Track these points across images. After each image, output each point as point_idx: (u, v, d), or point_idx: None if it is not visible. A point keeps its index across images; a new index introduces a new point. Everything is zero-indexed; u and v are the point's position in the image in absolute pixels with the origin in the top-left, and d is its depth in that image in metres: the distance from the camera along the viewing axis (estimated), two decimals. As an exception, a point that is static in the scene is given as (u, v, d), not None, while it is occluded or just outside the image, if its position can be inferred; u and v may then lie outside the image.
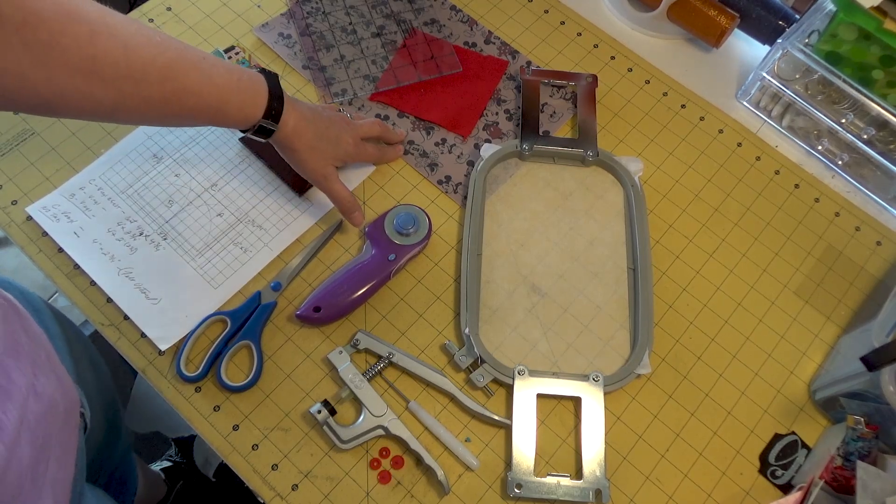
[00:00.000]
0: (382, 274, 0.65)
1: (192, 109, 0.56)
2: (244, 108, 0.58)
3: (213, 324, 0.64)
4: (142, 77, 0.51)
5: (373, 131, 0.71)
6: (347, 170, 0.73)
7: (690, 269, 0.71)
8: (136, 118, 0.55)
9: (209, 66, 0.55)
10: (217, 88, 0.56)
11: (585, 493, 0.59)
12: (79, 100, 0.49)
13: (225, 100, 0.57)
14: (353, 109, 0.76)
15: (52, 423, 0.51)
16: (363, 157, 0.71)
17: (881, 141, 0.73)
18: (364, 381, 0.61)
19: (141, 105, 0.53)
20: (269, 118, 0.60)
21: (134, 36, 0.50)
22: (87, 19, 0.48)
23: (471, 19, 0.83)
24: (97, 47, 0.48)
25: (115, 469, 0.92)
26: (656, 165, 0.76)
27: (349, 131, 0.68)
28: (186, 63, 0.54)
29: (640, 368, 0.63)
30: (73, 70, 0.48)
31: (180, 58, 0.53)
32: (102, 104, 0.51)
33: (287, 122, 0.61)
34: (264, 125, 0.60)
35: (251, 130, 0.61)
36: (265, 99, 0.59)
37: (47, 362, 0.54)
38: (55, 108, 0.51)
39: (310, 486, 0.59)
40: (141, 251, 0.67)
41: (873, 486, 0.51)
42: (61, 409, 0.53)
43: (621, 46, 0.83)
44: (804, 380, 0.66)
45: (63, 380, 0.56)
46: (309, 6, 0.82)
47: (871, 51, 0.70)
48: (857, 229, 0.74)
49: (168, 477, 1.15)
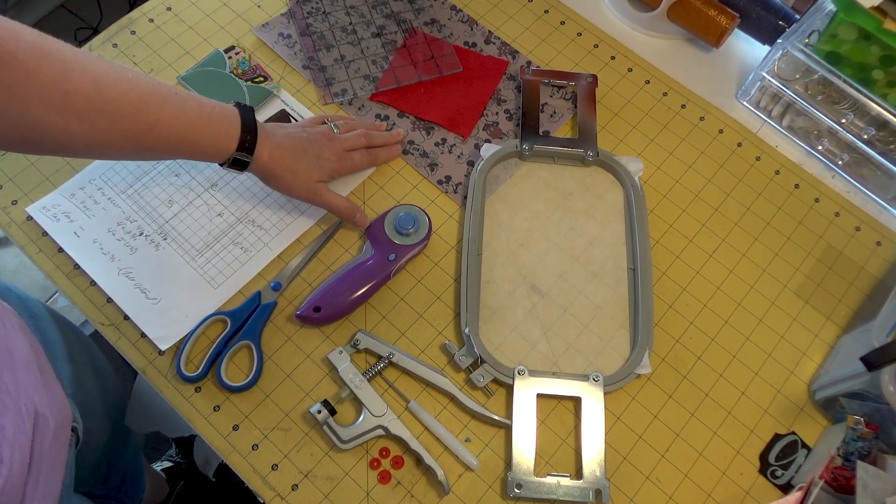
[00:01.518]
0: (382, 274, 0.65)
1: (165, 142, 0.56)
2: (217, 141, 0.59)
3: (213, 324, 0.64)
4: (115, 111, 0.52)
5: (358, 144, 0.70)
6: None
7: (690, 269, 0.71)
8: (113, 153, 0.56)
9: (181, 100, 0.56)
10: (189, 122, 0.57)
11: (585, 493, 0.59)
12: (55, 135, 0.51)
13: (197, 132, 0.58)
14: (353, 109, 0.76)
15: (41, 440, 0.50)
16: (351, 168, 0.70)
17: (881, 141, 0.73)
18: (364, 381, 0.61)
19: (115, 139, 0.54)
20: (244, 150, 0.60)
21: (106, 72, 0.52)
22: (61, 58, 0.49)
23: (471, 19, 0.83)
24: (70, 83, 0.50)
25: (127, 469, 0.92)
26: (656, 165, 0.76)
27: (330, 147, 0.67)
28: (158, 97, 0.55)
29: (640, 368, 0.63)
30: (49, 106, 0.49)
31: (152, 92, 0.55)
32: (78, 139, 0.52)
33: (262, 154, 0.61)
34: (238, 157, 0.61)
35: (227, 163, 0.61)
36: (238, 131, 0.60)
37: (40, 377, 0.53)
38: (33, 144, 0.52)
39: (310, 486, 0.59)
40: (141, 251, 0.67)
41: (873, 486, 0.51)
42: (51, 425, 0.52)
43: (621, 46, 0.83)
44: (804, 380, 0.66)
45: (55, 395, 0.55)
46: (309, 6, 0.82)
47: (871, 51, 0.70)
48: (857, 229, 0.74)
49: (169, 477, 1.15)
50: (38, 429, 0.50)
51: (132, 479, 0.94)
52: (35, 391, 0.51)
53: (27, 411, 0.49)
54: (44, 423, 0.51)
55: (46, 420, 0.51)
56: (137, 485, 0.96)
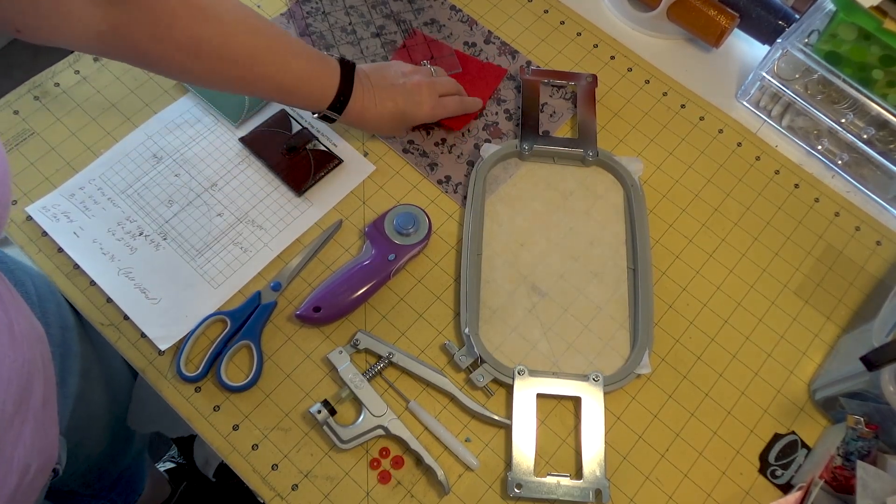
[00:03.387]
0: (382, 274, 0.65)
1: (268, 92, 0.64)
2: (312, 96, 0.65)
3: (213, 324, 0.64)
4: (232, 60, 0.59)
5: (451, 90, 0.73)
6: (346, 171, 0.73)
7: (690, 269, 0.71)
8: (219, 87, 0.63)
9: (293, 55, 0.62)
10: (293, 79, 0.63)
11: (585, 493, 0.59)
12: (177, 70, 0.58)
13: (298, 88, 0.64)
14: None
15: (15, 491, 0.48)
16: (443, 114, 0.73)
17: (881, 141, 0.73)
18: (364, 381, 0.61)
19: (227, 82, 0.61)
20: (334, 108, 0.66)
21: (236, 22, 0.58)
22: (200, 5, 0.55)
23: (471, 19, 0.83)
24: (203, 31, 0.56)
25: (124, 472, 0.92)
26: (656, 165, 0.76)
27: (428, 96, 0.70)
28: (273, 53, 0.61)
29: (640, 368, 0.63)
30: (179, 47, 0.55)
31: (269, 48, 0.61)
32: (194, 75, 0.59)
33: (349, 113, 0.67)
34: (327, 114, 0.67)
35: (318, 115, 0.67)
36: (334, 92, 0.65)
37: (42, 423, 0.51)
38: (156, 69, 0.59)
39: (310, 486, 0.59)
40: (141, 251, 0.67)
41: (873, 486, 0.51)
42: (32, 472, 0.50)
43: (621, 46, 0.83)
44: (804, 380, 0.66)
45: (48, 437, 0.53)
46: (309, 6, 0.82)
47: (871, 51, 0.70)
48: (857, 229, 0.74)
49: (171, 478, 1.15)
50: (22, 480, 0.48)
51: (128, 480, 0.93)
52: (32, 440, 0.49)
53: (18, 464, 0.47)
54: (28, 472, 0.49)
55: (29, 469, 0.49)
56: (133, 486, 0.95)
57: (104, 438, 0.80)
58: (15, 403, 0.45)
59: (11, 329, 0.45)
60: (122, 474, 0.91)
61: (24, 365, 0.46)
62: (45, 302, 0.64)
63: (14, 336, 0.45)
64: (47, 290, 0.65)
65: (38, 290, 0.64)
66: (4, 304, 0.45)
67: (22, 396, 0.46)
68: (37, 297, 0.63)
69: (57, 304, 0.66)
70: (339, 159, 0.73)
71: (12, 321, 0.45)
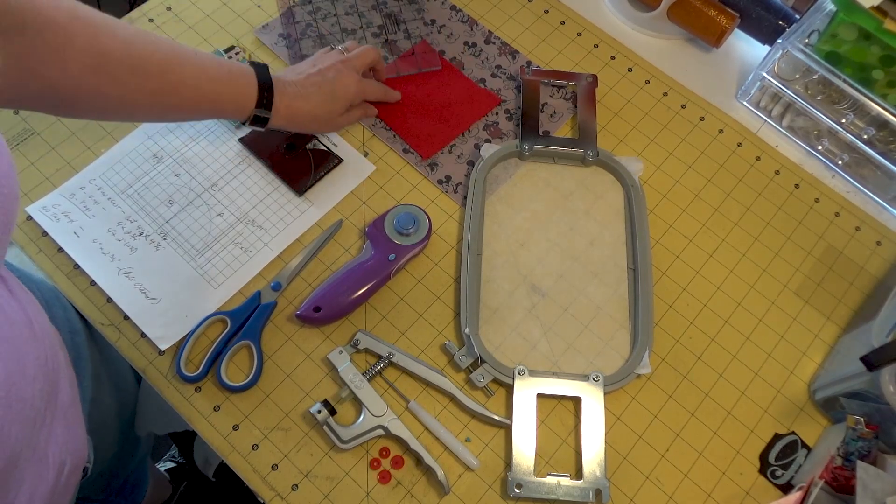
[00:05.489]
0: (382, 274, 0.65)
1: (190, 101, 0.61)
2: (237, 99, 0.63)
3: (213, 324, 0.64)
4: (143, 71, 0.57)
5: (367, 59, 0.72)
6: (347, 171, 0.73)
7: (690, 269, 0.71)
8: (141, 113, 0.61)
9: (201, 60, 0.61)
10: (211, 81, 0.61)
11: (585, 493, 0.59)
12: (89, 95, 0.55)
13: (219, 91, 0.62)
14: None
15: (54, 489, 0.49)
16: (369, 95, 0.73)
17: (881, 141, 0.73)
18: (364, 381, 0.61)
19: (144, 99, 0.58)
20: (262, 107, 0.64)
21: (134, 35, 0.56)
22: (93, 23, 0.54)
23: (471, 19, 0.83)
24: (104, 45, 0.54)
25: (130, 475, 0.92)
26: (656, 165, 0.76)
27: (345, 75, 0.69)
28: (181, 57, 0.59)
29: (640, 368, 0.63)
30: (85, 67, 0.53)
31: (175, 53, 0.59)
32: (110, 98, 0.56)
33: (279, 108, 0.65)
34: (258, 114, 0.64)
35: (248, 121, 0.65)
36: (255, 89, 0.63)
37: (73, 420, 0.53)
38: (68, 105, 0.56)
39: (310, 486, 0.59)
40: (141, 251, 0.67)
41: (873, 486, 0.51)
42: (66, 470, 0.51)
43: (621, 46, 0.83)
44: (804, 380, 0.66)
45: (78, 436, 0.54)
46: (309, 7, 0.82)
47: (871, 51, 0.70)
48: (857, 229, 0.74)
49: (172, 478, 1.15)
50: (59, 478, 0.49)
51: (134, 484, 0.93)
52: (64, 438, 0.50)
53: (53, 461, 0.48)
54: (63, 470, 0.50)
55: (64, 466, 0.50)
56: (138, 489, 0.96)
57: (115, 443, 0.80)
58: (43, 400, 0.45)
59: (32, 326, 0.45)
60: (129, 478, 0.92)
61: (47, 362, 0.46)
62: (52, 308, 0.64)
63: (35, 333, 0.45)
64: (53, 297, 0.66)
65: (44, 297, 0.64)
66: (22, 303, 0.45)
67: (49, 394, 0.47)
68: (44, 302, 0.63)
69: (64, 309, 0.66)
70: (338, 158, 0.73)
71: (31, 318, 0.45)
